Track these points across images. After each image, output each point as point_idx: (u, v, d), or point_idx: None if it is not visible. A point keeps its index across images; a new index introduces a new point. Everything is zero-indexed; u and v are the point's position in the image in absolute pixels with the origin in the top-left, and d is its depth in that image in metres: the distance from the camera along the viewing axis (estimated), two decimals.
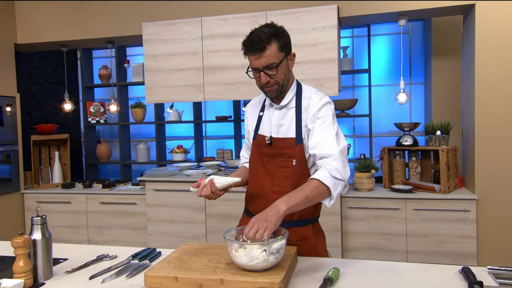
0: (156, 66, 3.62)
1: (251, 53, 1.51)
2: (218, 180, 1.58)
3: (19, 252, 1.31)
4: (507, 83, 2.93)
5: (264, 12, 3.32)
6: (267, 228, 1.27)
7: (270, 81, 1.53)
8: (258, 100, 1.79)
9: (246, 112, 1.82)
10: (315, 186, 1.42)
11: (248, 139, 1.80)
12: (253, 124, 1.74)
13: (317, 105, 1.56)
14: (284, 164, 1.59)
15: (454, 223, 3.05)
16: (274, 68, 1.51)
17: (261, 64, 1.50)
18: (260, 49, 1.48)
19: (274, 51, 1.49)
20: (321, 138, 1.52)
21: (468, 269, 1.33)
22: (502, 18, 2.91)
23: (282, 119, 1.62)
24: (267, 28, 1.50)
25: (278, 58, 1.51)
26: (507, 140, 2.96)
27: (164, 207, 3.59)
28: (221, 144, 5.02)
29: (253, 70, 1.55)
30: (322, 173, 1.43)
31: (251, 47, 1.49)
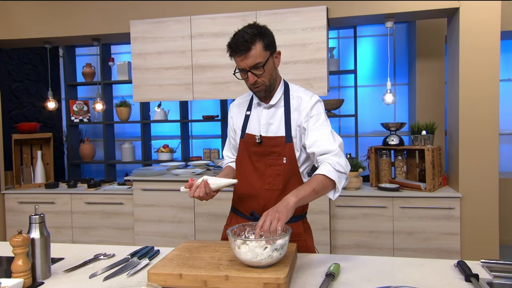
0: (144, 65, 3.59)
1: (236, 55, 1.52)
2: (212, 181, 1.56)
3: (18, 251, 1.29)
4: (490, 84, 3.02)
5: (254, 12, 3.33)
6: (279, 219, 1.29)
7: (258, 81, 1.54)
8: (243, 100, 1.78)
9: (231, 112, 1.80)
10: (321, 180, 1.45)
11: (234, 139, 1.79)
12: (239, 124, 1.73)
13: (309, 104, 1.59)
14: (274, 162, 1.60)
15: (439, 221, 3.13)
16: (261, 67, 1.52)
17: (248, 64, 1.51)
18: (245, 50, 1.49)
19: (259, 51, 1.50)
20: (318, 136, 1.54)
21: (463, 263, 1.38)
22: (485, 21, 3.01)
23: (271, 118, 1.64)
24: (250, 29, 1.51)
25: (263, 57, 1.52)
26: (490, 139, 3.06)
27: (152, 207, 3.56)
28: (207, 144, 5.00)
29: (240, 71, 1.56)
30: (326, 168, 1.46)
31: (236, 48, 1.50)
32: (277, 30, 3.29)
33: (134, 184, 3.59)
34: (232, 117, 1.79)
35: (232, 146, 1.84)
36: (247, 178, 1.66)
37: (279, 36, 3.25)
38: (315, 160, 1.57)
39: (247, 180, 1.66)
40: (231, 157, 1.85)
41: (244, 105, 1.75)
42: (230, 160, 1.85)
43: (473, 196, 3.10)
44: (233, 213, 1.79)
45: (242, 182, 1.67)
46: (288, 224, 1.54)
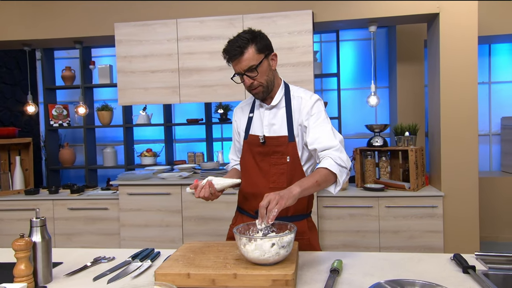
0: (130, 68, 3.55)
1: (231, 60, 1.58)
2: (217, 181, 1.59)
3: (21, 255, 1.26)
4: (469, 87, 3.15)
5: (241, 15, 3.36)
6: (278, 202, 1.31)
7: (254, 83, 1.59)
8: (246, 103, 1.83)
9: (235, 115, 1.84)
10: (323, 173, 1.49)
11: (238, 141, 1.83)
12: (243, 126, 1.77)
13: (309, 103, 1.63)
14: (278, 161, 1.64)
15: (423, 219, 3.22)
16: (254, 70, 1.56)
17: (242, 68, 1.56)
18: (238, 54, 1.55)
19: (252, 54, 1.55)
20: (319, 133, 1.58)
21: (459, 256, 1.43)
22: (464, 26, 3.14)
23: (274, 118, 1.67)
24: (244, 34, 1.58)
25: (257, 60, 1.56)
26: (470, 140, 3.18)
27: (138, 211, 3.52)
28: (191, 147, 4.98)
29: (237, 75, 1.61)
30: (328, 162, 1.50)
31: (230, 53, 1.57)
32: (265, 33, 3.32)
33: (120, 189, 3.53)
34: (236, 120, 1.83)
35: (237, 149, 1.87)
36: (252, 177, 1.68)
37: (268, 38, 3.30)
38: (316, 156, 1.61)
39: (252, 179, 1.68)
40: (236, 160, 1.88)
41: (247, 108, 1.79)
42: (235, 163, 1.88)
43: (454, 195, 3.22)
44: (239, 212, 1.81)
45: (247, 181, 1.69)
46: (293, 222, 1.58)
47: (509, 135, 4.30)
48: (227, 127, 4.89)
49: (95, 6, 3.63)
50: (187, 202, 3.45)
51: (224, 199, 3.37)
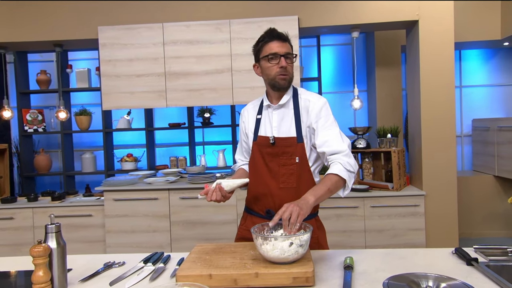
0: (114, 72, 3.51)
1: (275, 40, 1.64)
2: (226, 183, 1.62)
3: (39, 262, 1.24)
4: (447, 89, 3.32)
5: (228, 20, 3.40)
6: (300, 214, 1.36)
7: (288, 68, 1.66)
8: (253, 104, 1.87)
9: (242, 117, 1.88)
10: (335, 179, 1.55)
11: (246, 142, 1.87)
12: (251, 127, 1.80)
13: (317, 105, 1.69)
14: (287, 162, 1.68)
15: (405, 218, 3.35)
16: (293, 57, 1.68)
17: (283, 50, 1.64)
18: (284, 39, 1.66)
19: (290, 47, 1.69)
20: (327, 136, 1.64)
21: (461, 249, 1.52)
22: (441, 32, 3.31)
23: (282, 119, 1.72)
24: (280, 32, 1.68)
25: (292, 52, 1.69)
26: (448, 141, 3.34)
27: (124, 217, 3.46)
28: (172, 152, 4.94)
29: (273, 56, 1.64)
30: (338, 168, 1.56)
31: (278, 35, 1.65)
32: (251, 38, 3.37)
33: (105, 195, 3.47)
34: (243, 121, 1.86)
35: (244, 150, 1.90)
36: (262, 178, 1.72)
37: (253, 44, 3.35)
38: (325, 159, 1.66)
39: (262, 180, 1.71)
40: (244, 160, 1.92)
41: (254, 110, 1.82)
42: (242, 163, 1.92)
43: (435, 194, 3.37)
44: (247, 213, 1.83)
45: (257, 182, 1.72)
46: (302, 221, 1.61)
47: (479, 136, 4.54)
48: (209, 131, 4.89)
49: (77, 9, 3.56)
50: (175, 206, 3.43)
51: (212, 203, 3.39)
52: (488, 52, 4.80)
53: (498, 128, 4.14)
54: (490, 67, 4.81)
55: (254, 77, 3.43)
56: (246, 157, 1.90)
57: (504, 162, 4.10)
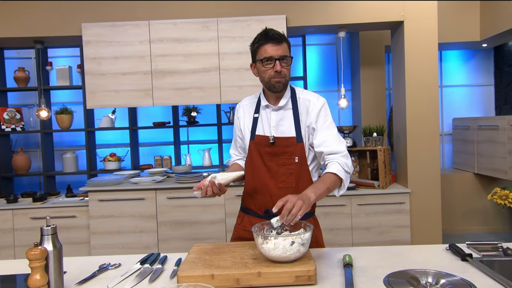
0: (99, 70, 3.43)
1: (270, 42, 1.60)
2: (221, 177, 1.60)
3: (36, 265, 1.20)
4: (431, 87, 3.39)
5: (215, 19, 3.37)
6: (301, 208, 1.37)
7: (283, 71, 1.63)
8: (249, 101, 1.84)
9: (238, 113, 1.85)
10: (333, 179, 1.57)
11: (241, 138, 1.84)
12: (248, 125, 1.79)
13: (317, 105, 1.69)
14: (286, 161, 1.68)
15: (391, 215, 3.41)
16: (289, 59, 1.64)
17: (279, 53, 1.60)
18: (279, 40, 1.61)
19: (287, 48, 1.64)
20: (326, 136, 1.65)
21: (455, 245, 1.56)
22: (426, 32, 3.38)
23: (281, 119, 1.71)
24: (276, 31, 1.63)
25: (289, 54, 1.66)
26: (432, 139, 3.42)
27: (110, 218, 3.40)
28: (156, 151, 4.88)
29: (267, 60, 1.62)
30: (337, 167, 1.57)
31: (272, 36, 1.60)
32: (239, 37, 3.37)
33: (89, 195, 3.40)
34: (239, 118, 1.83)
35: (238, 145, 1.88)
36: (260, 177, 1.71)
37: (242, 43, 3.36)
38: (321, 158, 1.67)
39: (261, 179, 1.71)
40: (238, 155, 1.90)
41: (251, 107, 1.80)
42: (237, 158, 1.90)
43: (420, 191, 3.44)
44: (244, 213, 1.82)
45: (255, 181, 1.72)
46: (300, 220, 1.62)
47: (459, 135, 4.66)
48: (193, 130, 4.85)
49: (60, 5, 3.47)
50: (162, 206, 3.39)
51: (200, 202, 3.38)
52: (467, 53, 4.93)
53: (478, 127, 4.26)
54: (469, 67, 4.94)
55: (242, 75, 3.43)
56: (240, 153, 1.89)
57: (483, 160, 4.22)
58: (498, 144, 3.92)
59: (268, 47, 1.60)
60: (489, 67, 4.92)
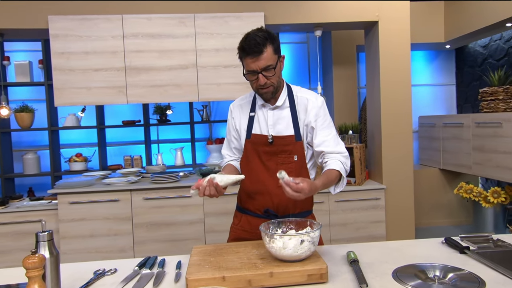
0: (68, 65, 3.25)
1: (249, 56, 1.53)
2: (220, 178, 1.54)
3: (34, 274, 1.10)
4: (405, 86, 3.50)
5: (192, 14, 3.29)
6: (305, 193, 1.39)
7: (267, 83, 1.58)
8: (244, 101, 1.79)
9: (232, 113, 1.80)
10: (336, 175, 1.58)
11: (236, 139, 1.80)
12: (244, 125, 1.74)
13: (316, 104, 1.68)
14: (285, 160, 1.66)
15: (367, 211, 3.49)
16: (272, 69, 1.56)
17: (259, 66, 1.53)
18: (258, 52, 1.51)
19: (270, 54, 1.54)
20: (326, 136, 1.65)
21: (451, 239, 1.60)
22: (399, 32, 3.47)
23: (279, 118, 1.68)
24: (260, 32, 1.55)
25: (273, 60, 1.56)
26: (406, 136, 3.53)
27: (82, 221, 3.23)
28: (125, 151, 4.71)
29: (250, 73, 1.57)
30: (339, 165, 1.58)
31: (249, 50, 1.51)
32: (217, 33, 3.31)
33: (59, 198, 3.22)
34: (233, 118, 1.78)
35: (233, 146, 1.82)
36: (259, 176, 1.67)
37: (220, 40, 3.30)
38: (320, 157, 1.66)
39: (259, 178, 1.67)
40: (232, 156, 1.84)
41: (246, 106, 1.75)
42: (230, 159, 1.84)
43: (394, 187, 3.54)
44: (241, 213, 1.77)
45: (253, 180, 1.68)
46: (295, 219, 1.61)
47: (425, 132, 4.85)
48: (164, 129, 4.72)
49: None
50: (138, 208, 3.27)
51: (179, 202, 3.29)
52: (431, 54, 5.13)
53: (443, 124, 4.45)
54: (433, 67, 5.15)
55: (220, 73, 3.37)
56: (234, 153, 1.84)
57: (448, 156, 4.41)
58: (462, 141, 4.11)
59: (249, 61, 1.54)
60: (451, 67, 5.16)
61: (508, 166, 3.49)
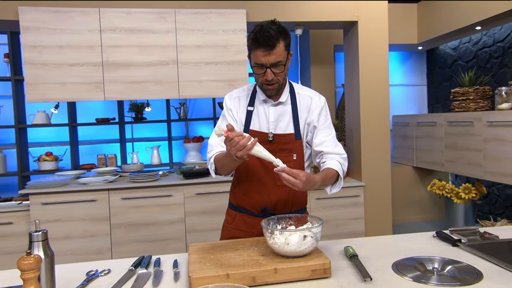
0: (41, 59, 3.11)
1: (261, 49, 1.47)
2: (259, 147, 1.41)
3: (30, 276, 1.03)
4: (383, 85, 3.57)
5: (173, 9, 3.23)
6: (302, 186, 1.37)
7: (274, 79, 1.53)
8: (242, 94, 1.71)
9: (229, 103, 1.69)
10: (334, 175, 1.58)
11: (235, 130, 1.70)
12: (242, 118, 1.67)
13: (320, 104, 1.66)
14: (284, 158, 1.59)
15: (347, 208, 3.53)
16: (282, 66, 1.52)
17: (270, 61, 1.49)
18: (271, 46, 1.46)
19: (282, 49, 1.50)
20: (326, 136, 1.64)
21: (442, 232, 1.64)
22: (378, 31, 3.54)
23: (280, 115, 1.64)
24: (274, 25, 1.49)
25: (284, 56, 1.51)
26: (383, 134, 3.60)
27: (56, 223, 3.10)
28: (98, 149, 4.55)
29: (258, 66, 1.52)
30: (338, 166, 1.58)
31: (263, 42, 1.45)
32: (198, 30, 3.26)
33: (31, 198, 3.07)
34: (231, 109, 1.68)
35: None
36: (257, 175, 1.63)
37: (201, 36, 3.25)
38: (318, 157, 1.65)
39: (256, 177, 1.63)
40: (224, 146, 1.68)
41: (244, 100, 1.68)
42: (222, 149, 1.64)
43: (372, 184, 3.60)
44: (236, 211, 1.72)
45: (250, 178, 1.64)
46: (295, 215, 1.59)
47: (399, 131, 4.98)
48: (138, 127, 4.60)
49: None
50: (116, 208, 3.17)
51: (159, 202, 3.22)
52: (404, 55, 5.27)
53: (416, 123, 4.58)
54: (405, 68, 5.30)
55: (201, 70, 3.32)
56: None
57: (421, 154, 4.54)
58: (435, 139, 4.25)
59: (259, 53, 1.48)
60: (422, 68, 5.32)
61: (478, 163, 3.63)
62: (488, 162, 3.52)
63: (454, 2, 4.03)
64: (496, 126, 3.42)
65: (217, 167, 1.61)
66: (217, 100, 4.24)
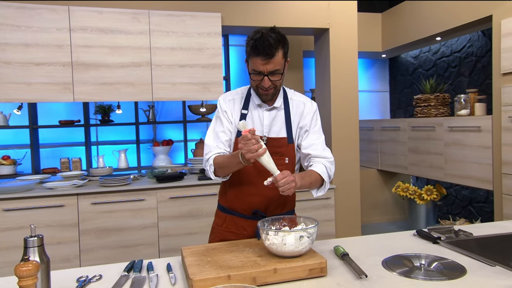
0: (4, 57, 2.95)
1: (260, 57, 1.49)
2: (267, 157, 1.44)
3: (28, 283, 0.99)
4: (353, 91, 3.69)
5: (147, 11, 3.17)
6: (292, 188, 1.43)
7: (271, 85, 1.56)
8: (237, 96, 1.71)
9: (224, 105, 1.68)
10: (317, 178, 1.61)
11: (230, 131, 1.68)
12: (236, 120, 1.67)
13: (312, 109, 1.71)
14: (277, 162, 1.58)
15: (319, 210, 3.61)
16: (279, 74, 1.55)
17: (268, 69, 1.51)
18: (270, 55, 1.48)
19: (280, 58, 1.52)
20: (315, 140, 1.68)
21: (422, 231, 1.73)
22: (348, 39, 3.67)
23: (274, 119, 1.66)
24: (274, 33, 1.50)
25: (281, 64, 1.54)
26: (353, 138, 3.72)
27: (19, 230, 2.94)
28: (60, 153, 4.36)
29: (256, 74, 1.54)
30: (322, 169, 1.61)
31: (262, 51, 1.47)
32: (173, 32, 3.23)
33: None
34: (226, 111, 1.68)
35: (225, 139, 1.67)
36: (249, 177, 1.64)
37: (176, 39, 3.23)
38: (306, 160, 1.68)
39: (249, 179, 1.64)
40: (221, 148, 1.67)
41: (239, 103, 1.69)
42: (220, 151, 1.66)
43: (343, 187, 3.71)
44: (226, 214, 1.72)
45: (243, 180, 1.65)
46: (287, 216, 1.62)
47: (364, 135, 5.15)
48: (103, 130, 4.46)
49: None
50: (85, 213, 3.05)
51: (130, 206, 3.14)
52: (368, 62, 5.48)
53: (381, 128, 4.77)
54: (369, 75, 5.51)
55: (175, 72, 3.29)
56: (226, 146, 1.68)
57: (385, 157, 4.73)
58: (399, 143, 4.44)
59: (258, 61, 1.50)
60: (385, 75, 5.55)
61: (439, 165, 3.84)
62: (449, 164, 3.73)
63: (416, 14, 4.25)
64: (456, 131, 3.63)
65: (216, 168, 1.61)
66: (187, 103, 4.19)
